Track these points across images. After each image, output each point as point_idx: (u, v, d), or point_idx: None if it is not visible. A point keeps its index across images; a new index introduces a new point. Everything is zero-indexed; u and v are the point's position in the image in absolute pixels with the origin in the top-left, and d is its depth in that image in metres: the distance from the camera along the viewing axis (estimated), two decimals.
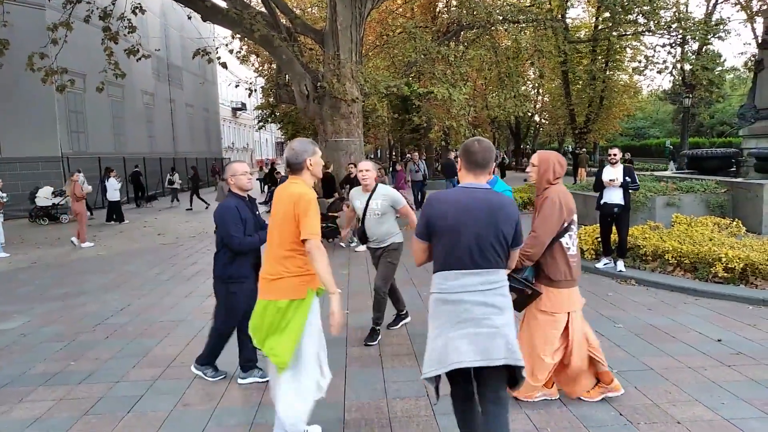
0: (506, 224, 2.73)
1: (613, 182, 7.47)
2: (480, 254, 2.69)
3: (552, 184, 3.72)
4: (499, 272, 2.77)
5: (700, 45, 23.22)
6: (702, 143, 38.19)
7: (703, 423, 3.60)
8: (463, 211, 2.70)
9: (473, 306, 2.68)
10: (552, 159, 3.76)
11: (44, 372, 4.80)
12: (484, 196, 2.75)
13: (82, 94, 21.10)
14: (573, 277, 3.71)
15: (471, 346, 2.64)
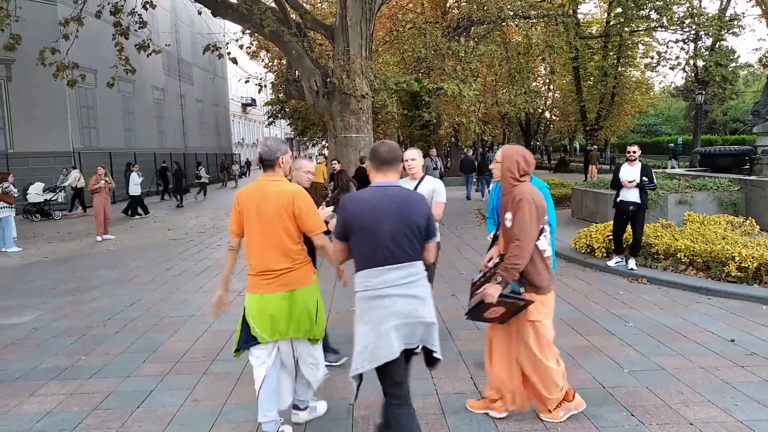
0: (418, 217, 2.83)
1: (631, 183, 7.36)
2: (398, 249, 2.79)
3: (519, 182, 3.43)
4: (417, 264, 2.87)
5: (714, 41, 22.94)
6: (715, 140, 37.79)
7: (716, 424, 3.55)
8: (375, 210, 2.80)
9: (399, 299, 2.78)
10: (515, 154, 3.46)
11: (55, 366, 4.83)
12: (394, 192, 2.86)
13: (93, 89, 21.23)
14: (552, 280, 3.52)
15: (399, 338, 2.77)
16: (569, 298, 6.62)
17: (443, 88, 15.08)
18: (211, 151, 36.24)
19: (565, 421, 3.62)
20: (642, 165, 7.49)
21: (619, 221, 7.71)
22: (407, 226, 2.81)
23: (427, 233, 2.90)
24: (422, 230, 2.86)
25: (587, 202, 11.95)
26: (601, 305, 6.29)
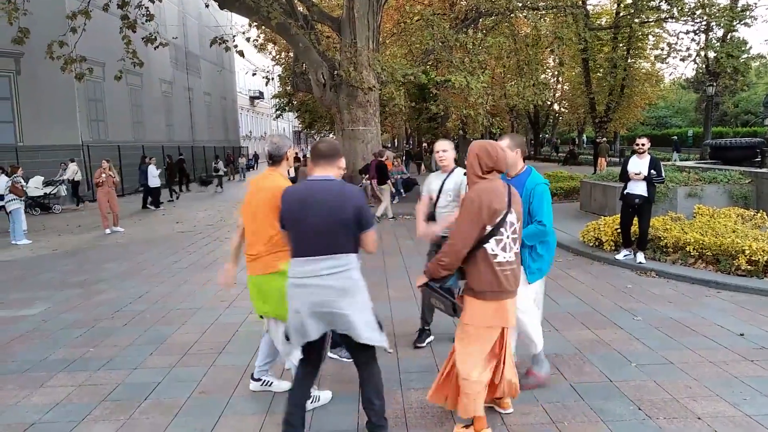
0: (345, 211, 2.95)
1: (638, 176, 7.35)
2: (320, 242, 2.96)
3: (482, 178, 3.16)
4: (343, 257, 3.00)
5: (725, 31, 22.64)
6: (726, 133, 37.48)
7: (724, 419, 3.53)
8: (303, 204, 2.98)
9: (316, 289, 2.97)
10: (477, 149, 3.20)
11: (64, 358, 4.87)
12: (325, 186, 3.00)
13: (101, 82, 21.30)
14: (503, 288, 3.14)
15: (319, 324, 3.04)
16: (577, 291, 6.59)
17: (451, 80, 15.01)
18: (219, 144, 36.33)
19: (572, 414, 3.60)
20: (651, 157, 7.43)
21: (626, 214, 7.67)
22: (333, 220, 2.94)
23: (360, 226, 3.01)
24: (351, 223, 2.97)
25: (596, 195, 11.88)
26: (609, 299, 6.25)
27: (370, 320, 3.09)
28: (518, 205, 3.25)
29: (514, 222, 3.17)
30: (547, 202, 3.79)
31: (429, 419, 3.63)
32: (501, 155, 3.19)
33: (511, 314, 3.25)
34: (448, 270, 3.16)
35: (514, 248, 3.17)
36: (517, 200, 3.26)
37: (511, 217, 3.14)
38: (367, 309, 3.11)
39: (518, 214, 3.22)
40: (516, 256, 3.20)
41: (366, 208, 3.04)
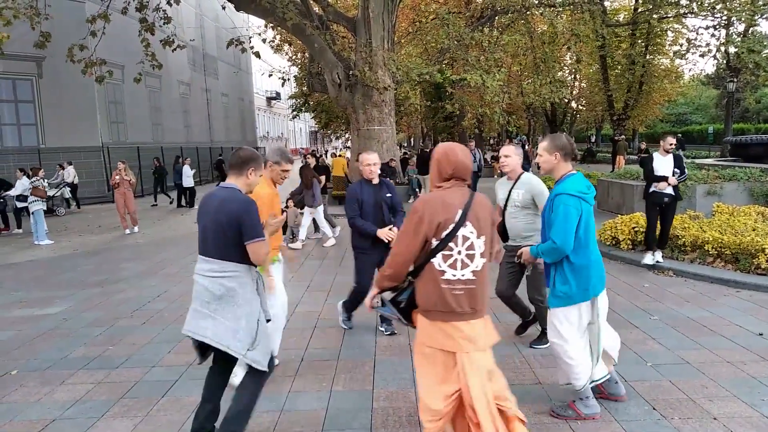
0: (222, 219, 3.07)
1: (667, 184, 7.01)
2: (207, 245, 3.17)
3: (438, 187, 2.83)
4: (224, 263, 3.13)
5: (746, 26, 22.29)
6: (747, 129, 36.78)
7: (741, 419, 3.49)
8: (201, 207, 3.24)
9: (200, 287, 3.21)
10: (438, 154, 2.83)
11: (84, 356, 4.97)
12: (220, 194, 3.17)
13: (120, 84, 21.61)
14: (452, 308, 2.71)
15: (192, 320, 3.24)
16: None
17: (466, 78, 14.97)
18: (236, 144, 36.53)
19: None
20: (674, 155, 7.20)
21: (653, 214, 7.30)
22: (216, 226, 3.11)
23: (239, 236, 3.07)
24: (227, 231, 3.06)
25: (613, 193, 11.78)
26: (625, 298, 6.21)
27: (237, 330, 3.11)
28: (481, 218, 2.78)
29: (469, 236, 2.74)
30: (565, 215, 3.38)
31: None
32: (461, 161, 2.80)
33: (468, 340, 2.72)
34: (392, 282, 2.89)
35: (471, 266, 2.74)
36: (480, 212, 2.78)
37: (464, 231, 2.73)
38: (240, 321, 3.12)
39: (480, 228, 2.76)
40: (476, 275, 2.75)
41: (248, 219, 3.05)
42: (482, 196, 2.86)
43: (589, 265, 3.46)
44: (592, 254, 3.50)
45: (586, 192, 3.47)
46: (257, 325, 3.21)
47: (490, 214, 2.85)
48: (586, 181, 3.54)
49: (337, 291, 6.81)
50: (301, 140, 68.43)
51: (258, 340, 3.19)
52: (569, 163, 3.58)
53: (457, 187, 2.81)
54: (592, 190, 3.53)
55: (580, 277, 3.44)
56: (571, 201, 3.40)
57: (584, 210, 3.45)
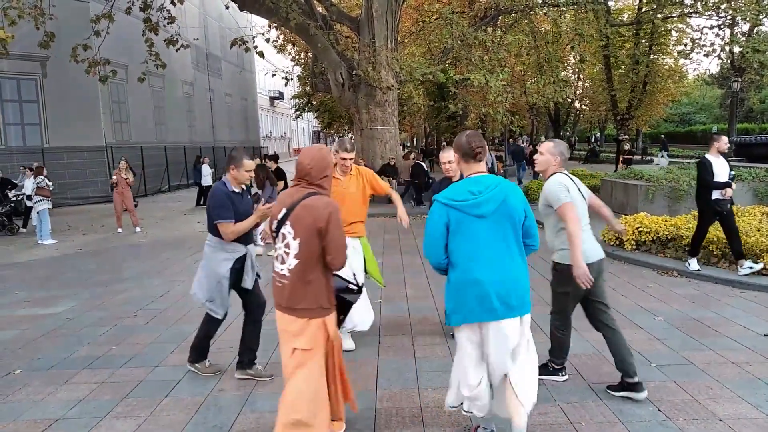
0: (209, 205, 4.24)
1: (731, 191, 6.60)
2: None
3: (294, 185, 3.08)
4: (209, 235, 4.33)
5: (751, 26, 22.22)
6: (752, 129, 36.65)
7: (746, 420, 3.47)
8: None
9: None
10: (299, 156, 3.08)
11: (88, 355, 4.98)
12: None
13: (124, 84, 21.65)
14: (275, 298, 3.05)
15: None
16: None
17: (470, 78, 14.94)
18: (239, 144, 36.65)
19: (590, 415, 3.58)
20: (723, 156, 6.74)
21: (710, 221, 6.77)
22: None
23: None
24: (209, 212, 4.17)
25: (617, 193, 11.74)
26: (629, 298, 6.19)
27: (201, 283, 4.32)
28: (302, 221, 2.89)
29: (287, 236, 2.94)
30: (427, 224, 3.04)
31: (445, 418, 3.64)
32: (305, 164, 2.97)
33: (281, 330, 3.04)
34: None
35: (286, 263, 2.94)
36: (302, 216, 2.90)
37: (285, 229, 2.95)
38: (202, 277, 4.32)
39: (297, 231, 2.90)
40: (291, 272, 2.93)
41: (210, 204, 4.10)
42: (318, 200, 2.91)
43: (461, 287, 2.97)
44: (467, 273, 2.94)
45: (461, 199, 2.94)
46: (216, 286, 4.25)
47: (315, 220, 2.86)
48: (475, 185, 2.97)
49: None
50: (304, 140, 68.47)
51: (214, 297, 4.28)
52: (472, 164, 3.04)
53: (300, 187, 3.02)
54: (480, 197, 2.92)
55: (451, 296, 3.04)
56: (434, 208, 3.03)
57: (453, 219, 2.93)
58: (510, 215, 2.93)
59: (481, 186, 2.95)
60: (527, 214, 3.02)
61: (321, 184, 3.01)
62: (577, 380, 4.13)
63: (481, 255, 2.91)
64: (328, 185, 3.07)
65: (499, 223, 2.92)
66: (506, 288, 2.91)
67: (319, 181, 3.00)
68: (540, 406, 3.71)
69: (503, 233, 2.94)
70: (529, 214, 3.04)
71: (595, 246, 3.88)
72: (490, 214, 2.91)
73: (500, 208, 2.92)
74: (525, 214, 3.00)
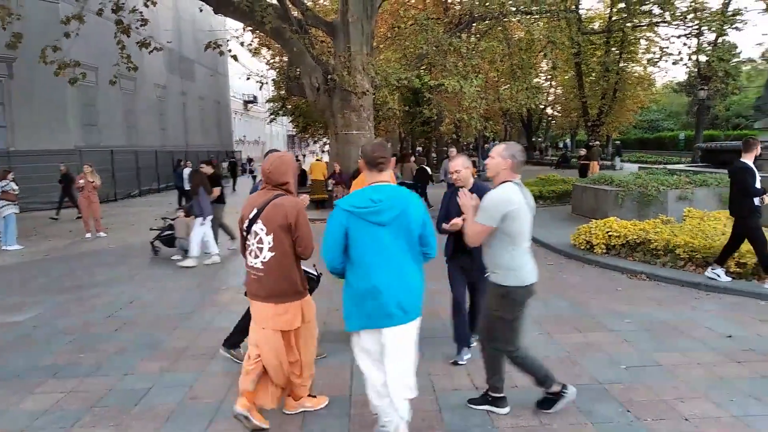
0: None
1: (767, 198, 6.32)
2: None
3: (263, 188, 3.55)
4: None
5: (716, 36, 22.86)
6: (717, 136, 37.65)
7: (711, 420, 3.56)
8: None
9: None
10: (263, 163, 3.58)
11: (54, 364, 4.86)
12: None
13: (94, 87, 21.26)
14: (249, 289, 3.51)
15: None
16: (568, 294, 6.62)
17: (444, 84, 15.05)
18: (213, 148, 36.24)
19: (561, 417, 3.63)
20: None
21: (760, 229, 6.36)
22: None
23: None
24: None
25: (587, 198, 11.94)
26: (599, 301, 6.29)
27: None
28: (271, 219, 3.32)
29: (259, 232, 3.37)
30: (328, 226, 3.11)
31: (419, 422, 3.65)
32: (266, 169, 3.45)
33: (261, 319, 3.45)
34: None
35: (260, 257, 3.37)
36: (271, 214, 3.33)
37: (256, 227, 3.38)
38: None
39: (269, 228, 3.34)
40: (264, 266, 3.37)
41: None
42: (285, 200, 3.36)
43: (359, 292, 3.05)
44: (365, 279, 3.02)
45: (362, 206, 3.01)
46: None
47: (285, 217, 3.31)
48: (377, 193, 3.03)
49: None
50: (279, 144, 68.04)
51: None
52: (374, 173, 3.15)
53: (267, 190, 3.46)
54: (380, 205, 2.99)
55: (349, 300, 3.14)
56: (335, 213, 3.09)
57: (353, 226, 3.01)
58: (408, 224, 3.04)
59: (382, 194, 3.04)
60: (426, 223, 3.13)
61: (286, 188, 3.44)
62: None
63: (380, 261, 3.01)
64: (292, 188, 3.48)
65: (397, 231, 3.02)
66: (402, 294, 3.03)
67: (283, 184, 3.43)
68: (513, 410, 3.75)
69: (401, 241, 3.04)
70: (428, 223, 3.15)
71: (534, 269, 3.52)
72: (390, 222, 3.00)
73: (399, 217, 3.01)
74: (424, 224, 3.11)
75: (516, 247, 3.39)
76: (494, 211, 3.32)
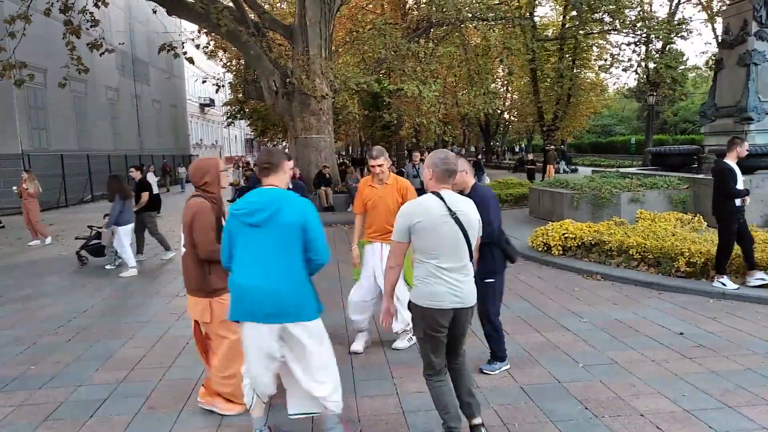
0: None
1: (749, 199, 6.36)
2: None
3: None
4: None
5: (664, 44, 23.78)
6: (666, 140, 39.11)
7: (665, 414, 3.68)
8: None
9: None
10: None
11: (3, 376, 4.65)
12: None
13: (43, 89, 20.54)
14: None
15: None
16: (527, 295, 6.75)
17: (403, 89, 15.17)
18: (168, 152, 35.49)
19: (522, 416, 3.69)
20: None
21: (735, 232, 6.31)
22: None
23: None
24: None
25: (544, 201, 12.20)
26: (557, 302, 6.43)
27: None
28: (184, 217, 3.68)
29: (181, 234, 3.75)
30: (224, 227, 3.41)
31: (382, 426, 3.64)
32: (188, 172, 3.89)
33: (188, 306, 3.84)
34: None
35: (181, 251, 3.79)
36: (184, 212, 3.68)
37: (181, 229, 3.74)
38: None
39: (183, 225, 3.70)
40: (183, 259, 3.77)
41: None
42: (192, 201, 3.66)
43: (231, 288, 3.20)
44: (234, 275, 3.18)
45: (239, 209, 3.16)
46: None
47: (186, 217, 3.63)
48: (256, 196, 3.16)
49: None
50: (237, 148, 67.09)
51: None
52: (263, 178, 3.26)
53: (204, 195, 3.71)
54: (252, 207, 3.11)
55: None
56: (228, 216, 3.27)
57: (233, 226, 3.17)
58: (281, 227, 3.06)
59: (260, 197, 3.15)
60: (308, 228, 3.09)
61: (204, 189, 3.72)
62: (510, 383, 4.24)
63: (247, 261, 3.12)
64: (213, 189, 3.74)
65: (271, 234, 3.06)
66: (263, 295, 3.06)
67: (202, 186, 3.72)
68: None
69: (275, 244, 3.07)
70: (311, 228, 3.10)
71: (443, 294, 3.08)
72: (262, 224, 3.07)
73: (271, 219, 3.06)
74: (303, 228, 3.08)
75: (423, 263, 3.11)
76: (400, 225, 3.13)
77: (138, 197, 9.36)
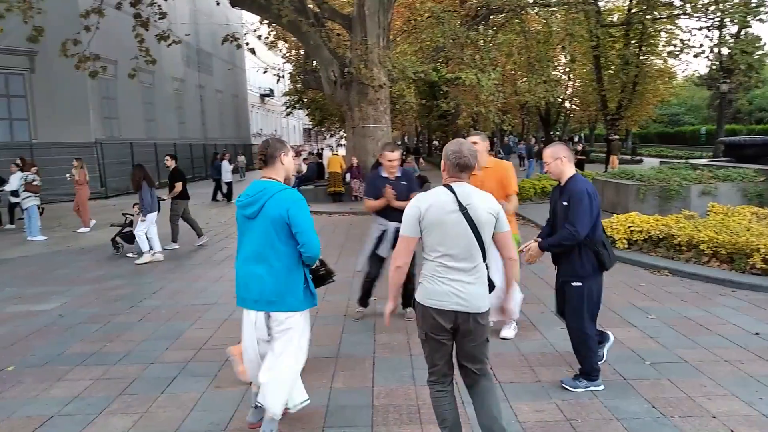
0: None
1: None
2: None
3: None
4: None
5: (739, 27, 22.44)
6: (739, 130, 37.07)
7: (739, 417, 3.52)
8: None
9: None
10: None
11: (81, 352, 4.94)
12: None
13: (114, 80, 21.48)
14: None
15: None
16: None
17: (461, 77, 14.99)
18: (230, 141, 36.47)
19: (586, 412, 3.61)
20: None
21: None
22: None
23: None
24: None
25: (608, 192, 11.82)
26: (622, 297, 6.23)
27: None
28: None
29: None
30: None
31: None
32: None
33: None
34: None
35: None
36: None
37: None
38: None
39: None
40: None
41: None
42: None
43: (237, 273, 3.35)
44: (235, 264, 3.36)
45: (240, 200, 3.29)
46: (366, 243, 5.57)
47: None
48: (254, 189, 3.23)
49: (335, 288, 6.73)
50: (296, 137, 68.20)
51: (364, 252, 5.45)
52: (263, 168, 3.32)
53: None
54: (248, 199, 3.22)
55: None
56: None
57: (238, 217, 3.34)
58: (269, 219, 3.15)
59: (256, 189, 3.24)
60: (294, 222, 3.14)
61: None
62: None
63: (244, 249, 3.30)
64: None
65: (263, 225, 3.18)
66: (252, 282, 3.22)
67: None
68: (536, 404, 3.74)
69: (266, 234, 3.19)
70: (297, 223, 3.14)
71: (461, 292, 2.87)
72: (255, 216, 3.20)
73: (261, 212, 3.18)
74: (288, 222, 3.14)
75: (429, 260, 2.93)
76: (408, 217, 2.93)
77: (172, 187, 9.78)
